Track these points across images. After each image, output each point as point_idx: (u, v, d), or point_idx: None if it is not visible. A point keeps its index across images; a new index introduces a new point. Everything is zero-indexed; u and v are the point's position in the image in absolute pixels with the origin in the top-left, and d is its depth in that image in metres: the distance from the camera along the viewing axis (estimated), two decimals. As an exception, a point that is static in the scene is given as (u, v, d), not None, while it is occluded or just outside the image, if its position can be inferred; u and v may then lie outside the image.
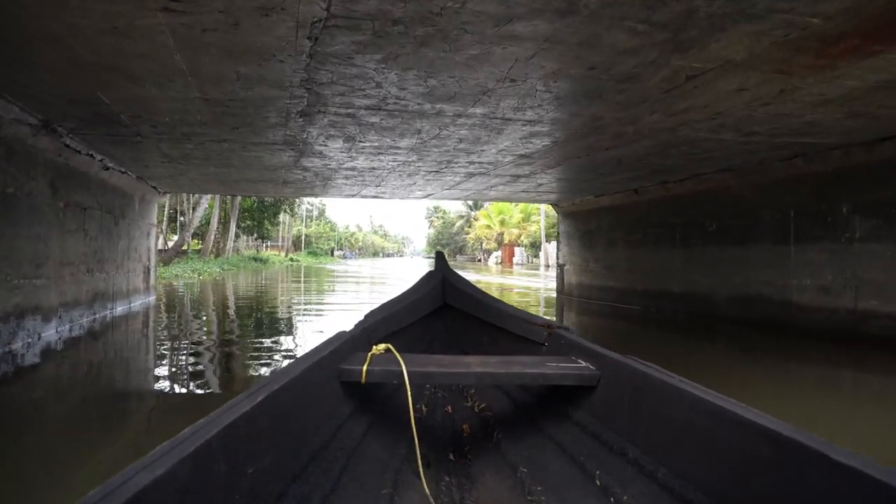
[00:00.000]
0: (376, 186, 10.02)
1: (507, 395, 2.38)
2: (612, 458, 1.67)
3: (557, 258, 13.50)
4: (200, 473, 1.09)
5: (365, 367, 1.93)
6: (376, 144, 6.37)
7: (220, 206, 33.40)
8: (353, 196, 11.59)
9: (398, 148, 6.59)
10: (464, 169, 8.10)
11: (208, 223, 37.31)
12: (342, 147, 6.54)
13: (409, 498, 1.63)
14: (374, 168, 8.15)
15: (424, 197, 11.66)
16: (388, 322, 2.73)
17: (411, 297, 3.16)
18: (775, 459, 1.20)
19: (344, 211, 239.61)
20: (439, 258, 3.58)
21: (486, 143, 6.32)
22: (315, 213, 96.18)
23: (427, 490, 1.66)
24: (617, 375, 1.86)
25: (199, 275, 20.88)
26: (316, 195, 11.71)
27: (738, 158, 7.17)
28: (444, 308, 3.35)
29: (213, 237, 31.00)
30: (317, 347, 2.02)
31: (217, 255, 34.37)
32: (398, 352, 2.06)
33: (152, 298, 10.80)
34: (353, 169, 8.20)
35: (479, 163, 7.59)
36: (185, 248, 28.72)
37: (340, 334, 2.27)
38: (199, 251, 31.73)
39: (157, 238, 31.71)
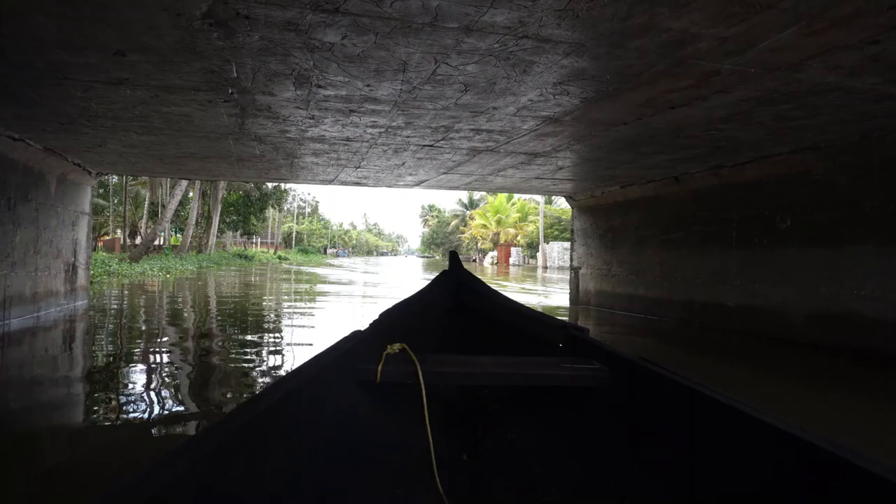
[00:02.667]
0: (356, 168, 8.07)
1: (521, 395, 2.29)
2: (627, 460, 1.65)
3: (571, 260, 11.58)
4: (219, 471, 1.11)
5: (380, 367, 1.90)
6: (343, 93, 4.43)
7: (199, 197, 31.40)
8: (329, 182, 9.63)
9: (376, 101, 4.65)
10: (466, 141, 6.17)
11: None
12: (296, 98, 4.58)
13: (422, 497, 1.62)
14: (348, 140, 6.20)
15: (416, 184, 9.71)
16: (402, 321, 2.66)
17: (426, 297, 3.09)
18: (792, 463, 1.20)
19: (338, 208, 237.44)
20: (453, 258, 3.38)
21: (503, 95, 4.39)
22: (308, 209, 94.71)
23: (441, 490, 1.61)
24: (633, 377, 1.84)
25: (168, 273, 18.86)
26: (285, 179, 9.74)
27: (836, 130, 5.27)
28: (458, 308, 3.21)
29: (191, 231, 28.95)
30: (332, 346, 1.94)
31: (199, 251, 32.38)
32: (413, 351, 2.02)
33: (82, 304, 8.81)
34: (321, 140, 6.24)
35: (488, 131, 5.65)
36: (157, 242, 26.63)
37: (355, 333, 2.20)
38: (175, 247, 29.66)
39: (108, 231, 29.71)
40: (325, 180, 9.46)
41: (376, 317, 2.57)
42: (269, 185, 41.16)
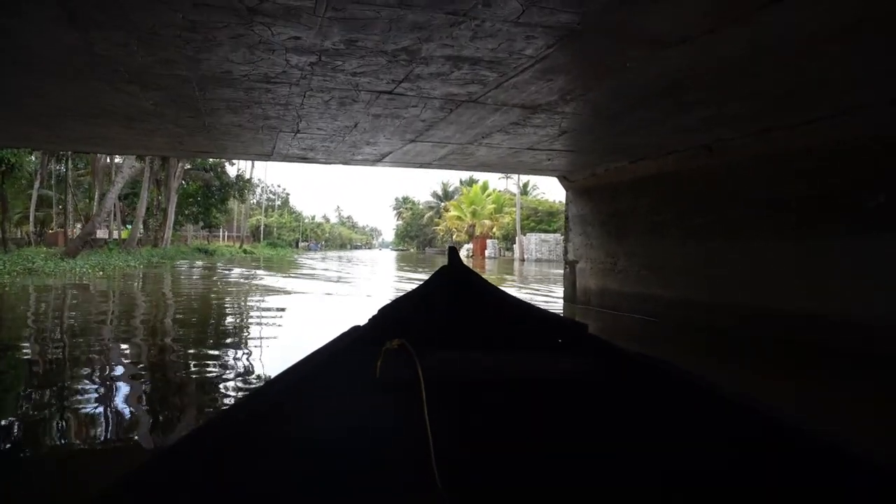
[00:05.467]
0: (294, 134, 6.11)
1: (522, 391, 2.18)
2: (631, 455, 1.65)
3: (565, 252, 9.78)
4: (216, 468, 1.10)
5: (378, 363, 1.87)
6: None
7: (153, 186, 28.97)
8: (268, 156, 7.64)
9: (287, -13, 2.74)
10: (440, 83, 4.27)
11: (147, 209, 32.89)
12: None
13: (422, 493, 1.62)
14: (268, 80, 4.26)
15: (378, 160, 7.78)
16: (401, 317, 2.58)
17: (424, 292, 2.97)
18: (796, 458, 1.22)
19: (310, 201, 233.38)
20: (452, 253, 3.21)
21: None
22: (278, 202, 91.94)
23: (440, 486, 1.61)
24: (633, 372, 1.86)
25: (103, 271, 16.60)
26: (208, 152, 7.71)
27: None
28: (457, 303, 2.97)
29: (140, 224, 26.50)
30: (330, 343, 1.92)
31: (155, 245, 29.89)
32: (412, 347, 1.95)
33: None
34: (228, 81, 4.29)
35: (472, 61, 3.77)
36: (104, 236, 24.18)
37: (353, 329, 2.17)
38: (124, 241, 27.10)
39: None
40: (261, 154, 7.47)
41: (375, 312, 2.46)
42: (231, 174, 38.83)
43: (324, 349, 1.85)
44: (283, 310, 8.86)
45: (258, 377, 4.19)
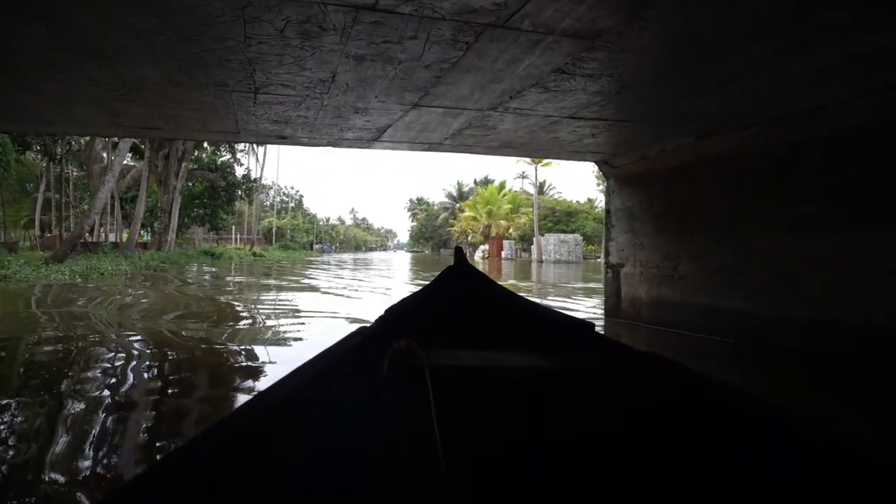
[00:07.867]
0: (254, 96, 4.49)
1: (530, 392, 2.14)
2: (637, 455, 1.64)
3: (607, 252, 8.06)
4: (222, 470, 1.10)
5: (386, 363, 1.87)
6: None
7: (158, 187, 27.69)
8: (234, 136, 6.01)
9: None
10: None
11: (151, 211, 31.75)
12: None
13: (430, 493, 1.61)
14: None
15: (374, 138, 6.12)
16: (408, 317, 2.60)
17: (432, 292, 3.02)
18: (802, 454, 1.21)
19: (324, 203, 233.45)
20: (459, 254, 3.23)
21: None
22: (292, 204, 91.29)
23: (448, 485, 1.57)
24: (643, 372, 1.84)
25: (85, 278, 15.16)
26: (163, 130, 6.05)
27: None
28: (464, 303, 2.97)
29: (139, 226, 25.14)
30: (338, 343, 1.92)
31: (159, 248, 28.59)
32: (419, 347, 1.93)
33: None
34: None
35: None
36: (86, 239, 22.76)
37: (361, 329, 2.17)
38: (117, 245, 25.68)
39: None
40: (225, 131, 5.85)
41: (382, 312, 2.48)
42: (238, 174, 37.54)
43: (331, 349, 1.83)
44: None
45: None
